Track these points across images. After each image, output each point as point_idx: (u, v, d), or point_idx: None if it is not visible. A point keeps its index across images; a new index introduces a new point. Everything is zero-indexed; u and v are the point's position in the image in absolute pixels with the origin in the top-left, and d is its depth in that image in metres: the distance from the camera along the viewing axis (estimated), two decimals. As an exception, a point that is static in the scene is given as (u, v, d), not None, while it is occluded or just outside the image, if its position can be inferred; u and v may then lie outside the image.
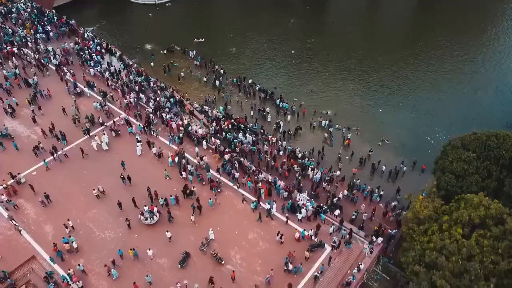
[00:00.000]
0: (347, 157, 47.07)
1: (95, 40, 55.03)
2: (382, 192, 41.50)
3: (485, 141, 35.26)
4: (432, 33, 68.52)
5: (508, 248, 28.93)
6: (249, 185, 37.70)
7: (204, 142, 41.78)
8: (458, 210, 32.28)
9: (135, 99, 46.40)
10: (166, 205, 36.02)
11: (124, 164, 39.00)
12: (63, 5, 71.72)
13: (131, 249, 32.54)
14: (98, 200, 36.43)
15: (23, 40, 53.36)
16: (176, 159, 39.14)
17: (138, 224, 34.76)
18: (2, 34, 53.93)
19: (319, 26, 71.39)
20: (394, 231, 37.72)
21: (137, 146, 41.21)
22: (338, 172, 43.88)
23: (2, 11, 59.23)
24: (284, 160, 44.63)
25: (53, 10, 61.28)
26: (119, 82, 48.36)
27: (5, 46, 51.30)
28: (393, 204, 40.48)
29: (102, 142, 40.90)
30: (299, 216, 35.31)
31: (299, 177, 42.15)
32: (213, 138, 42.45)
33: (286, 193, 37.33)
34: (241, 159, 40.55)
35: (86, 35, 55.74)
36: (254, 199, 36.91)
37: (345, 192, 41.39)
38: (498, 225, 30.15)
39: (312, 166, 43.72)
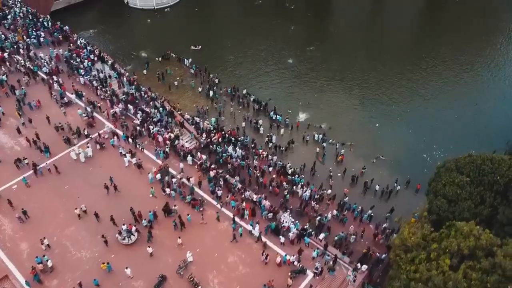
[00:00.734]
0: (339, 174, 45.65)
1: (88, 48, 54.12)
2: (372, 213, 40.18)
3: (480, 165, 33.65)
4: (436, 43, 66.49)
5: (497, 283, 27.34)
6: (232, 205, 36.43)
7: (189, 157, 40.59)
8: (448, 238, 30.81)
9: (123, 110, 45.36)
10: (150, 227, 34.84)
11: (112, 180, 38.08)
12: (60, 10, 71.17)
13: (103, 263, 31.68)
14: (77, 217, 35.36)
15: (15, 46, 52.65)
16: (159, 175, 37.96)
17: (116, 243, 33.72)
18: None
19: (319, 34, 69.85)
20: (383, 255, 36.31)
21: (126, 157, 40.39)
22: (329, 191, 42.52)
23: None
24: (274, 176, 43.44)
25: (48, 16, 60.59)
26: (108, 92, 47.34)
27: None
28: (383, 226, 39.03)
29: (80, 153, 39.97)
30: (282, 239, 33.98)
31: (287, 195, 40.98)
32: (199, 153, 41.22)
33: (271, 214, 35.98)
34: (227, 176, 39.29)
35: (79, 42, 54.82)
36: (231, 216, 35.76)
37: (335, 212, 40.05)
38: (488, 257, 28.59)
39: (302, 183, 42.46)
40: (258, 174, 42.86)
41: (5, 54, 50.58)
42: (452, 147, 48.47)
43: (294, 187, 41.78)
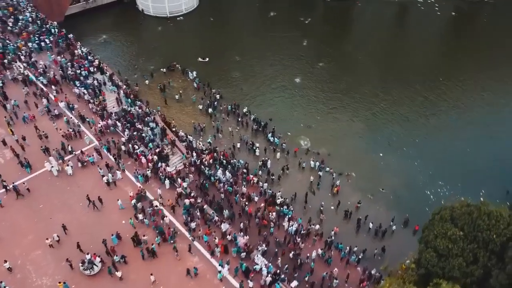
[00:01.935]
0: (332, 207, 42.80)
1: (89, 57, 53.28)
2: (361, 255, 37.40)
3: (476, 219, 30.17)
4: (456, 67, 62.25)
5: None
6: (205, 239, 34.27)
7: (167, 181, 38.73)
8: (432, 299, 27.76)
9: (113, 126, 44.06)
10: (125, 262, 33.10)
11: (95, 203, 36.96)
12: (75, 14, 71.13)
13: (59, 282, 30.69)
14: (45, 240, 34.13)
15: (17, 52, 52.39)
16: (134, 201, 36.31)
17: (78, 272, 32.29)
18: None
19: (332, 51, 65.94)
20: (365, 305, 33.48)
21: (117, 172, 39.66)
22: (318, 226, 39.84)
23: (10, 22, 58.63)
24: (262, 204, 41.14)
25: (55, 22, 60.32)
26: (100, 105, 46.16)
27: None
28: (371, 271, 36.03)
29: (53, 167, 39.04)
30: (251, 284, 31.60)
31: (272, 228, 38.70)
32: (179, 180, 39.28)
33: (244, 253, 33.62)
34: (205, 206, 37.19)
35: (80, 51, 54.04)
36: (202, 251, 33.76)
37: (319, 251, 37.39)
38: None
39: (290, 216, 39.97)
40: (246, 203, 40.78)
41: (5, 60, 50.30)
42: (460, 184, 44.89)
43: (280, 219, 39.53)
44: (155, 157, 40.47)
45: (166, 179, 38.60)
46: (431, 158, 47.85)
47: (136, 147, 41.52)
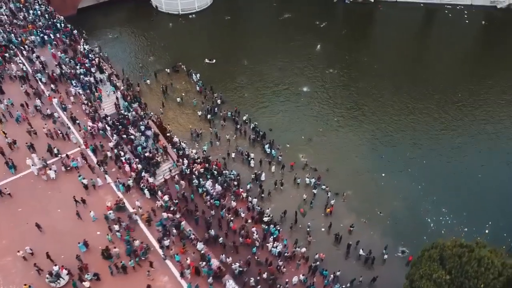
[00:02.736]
0: (323, 229, 40.52)
1: (90, 56, 52.41)
2: (347, 285, 35.18)
3: (465, 263, 27.41)
4: (482, 86, 57.37)
5: None
6: (177, 259, 32.68)
7: (146, 191, 37.31)
8: None
9: (102, 129, 43.00)
10: (97, 279, 31.73)
11: (79, 215, 35.80)
12: (88, 7, 70.90)
13: (25, 284, 30.09)
14: (18, 247, 33.29)
15: (19, 46, 52.06)
16: (111, 212, 35.12)
17: (44, 283, 31.43)
18: (5, 36, 53.17)
19: (347, 57, 63.03)
20: None
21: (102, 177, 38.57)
22: (304, 249, 37.69)
23: (21, 16, 58.43)
24: (249, 220, 39.42)
25: (62, 17, 59.78)
26: (93, 107, 45.20)
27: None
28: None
29: (33, 165, 38.36)
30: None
31: (254, 248, 36.94)
32: (160, 192, 37.82)
33: (213, 277, 31.83)
34: (183, 222, 35.57)
35: (82, 49, 53.24)
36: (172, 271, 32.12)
37: (301, 277, 35.34)
38: None
39: (276, 236, 38.06)
40: (232, 218, 39.14)
41: (6, 54, 50.11)
42: (465, 213, 41.81)
43: (265, 240, 37.72)
44: (139, 166, 39.11)
45: (146, 189, 37.17)
46: (437, 182, 44.63)
47: (122, 153, 40.27)
